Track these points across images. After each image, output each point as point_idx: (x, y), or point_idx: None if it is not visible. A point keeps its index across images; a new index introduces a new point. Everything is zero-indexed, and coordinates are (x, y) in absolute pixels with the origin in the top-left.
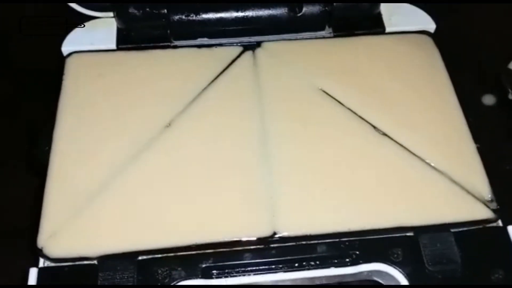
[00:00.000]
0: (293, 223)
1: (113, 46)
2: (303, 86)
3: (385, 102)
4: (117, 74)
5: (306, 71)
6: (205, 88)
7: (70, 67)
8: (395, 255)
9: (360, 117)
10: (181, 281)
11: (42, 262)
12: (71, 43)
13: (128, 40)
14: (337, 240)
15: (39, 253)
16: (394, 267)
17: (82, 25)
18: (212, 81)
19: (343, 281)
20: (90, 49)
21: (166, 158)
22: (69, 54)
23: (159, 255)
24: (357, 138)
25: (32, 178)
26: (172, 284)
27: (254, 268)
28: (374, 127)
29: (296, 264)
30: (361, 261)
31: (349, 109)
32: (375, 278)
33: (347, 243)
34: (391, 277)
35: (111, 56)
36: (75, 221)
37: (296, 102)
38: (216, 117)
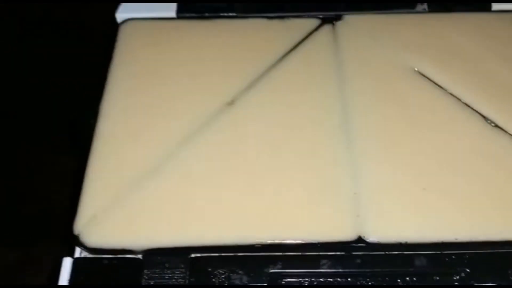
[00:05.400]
0: (384, 227)
1: (173, 14)
2: (395, 66)
3: (497, 89)
4: (175, 44)
5: (398, 49)
6: (274, 64)
7: (124, 35)
8: None
9: (466, 104)
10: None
11: (78, 252)
12: (127, 9)
13: (190, 8)
14: (440, 252)
15: (75, 240)
16: None
17: None
18: (283, 56)
19: None
20: (147, 16)
21: (227, 140)
22: (124, 21)
23: (216, 254)
24: (464, 129)
25: (74, 153)
26: None
27: (332, 279)
28: (485, 117)
29: (386, 279)
30: (472, 281)
31: (452, 94)
32: None
33: (453, 257)
34: None
35: (169, 25)
36: (120, 206)
37: (386, 84)
38: (288, 97)
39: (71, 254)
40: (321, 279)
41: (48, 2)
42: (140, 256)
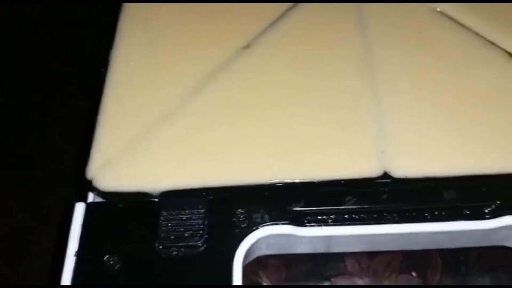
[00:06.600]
0: (410, 162)
1: None
2: (416, 7)
3: None
4: None
5: None
6: (292, 6)
7: None
8: None
9: (492, 42)
10: (264, 226)
11: (91, 198)
12: None
13: None
14: (470, 184)
15: (88, 185)
16: None
17: None
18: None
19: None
20: None
21: (244, 83)
22: None
23: (235, 194)
24: (489, 67)
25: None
26: (253, 228)
27: (358, 216)
28: (510, 54)
29: (414, 214)
30: (504, 213)
31: (476, 33)
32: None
33: (483, 190)
34: None
35: None
36: (134, 150)
37: (408, 24)
38: (307, 38)
39: (83, 199)
40: (346, 216)
41: None
42: (156, 199)
